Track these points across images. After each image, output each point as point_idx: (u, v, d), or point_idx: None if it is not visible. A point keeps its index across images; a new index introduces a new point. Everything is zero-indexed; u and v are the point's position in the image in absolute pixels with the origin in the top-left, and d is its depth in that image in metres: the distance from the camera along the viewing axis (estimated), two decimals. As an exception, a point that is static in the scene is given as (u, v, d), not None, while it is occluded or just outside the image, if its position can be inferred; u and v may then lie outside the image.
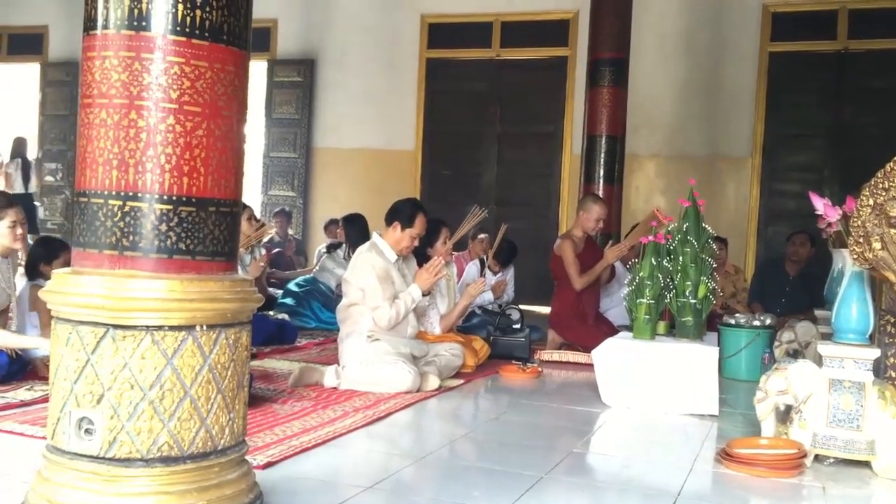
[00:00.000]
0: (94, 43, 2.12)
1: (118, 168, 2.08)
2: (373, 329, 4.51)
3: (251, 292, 2.25)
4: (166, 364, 2.06)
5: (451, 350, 4.83)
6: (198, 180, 2.12)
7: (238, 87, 2.21)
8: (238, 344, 2.22)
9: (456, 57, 9.82)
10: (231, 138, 2.20)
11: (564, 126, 9.40)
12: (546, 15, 9.36)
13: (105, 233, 2.09)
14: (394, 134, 9.98)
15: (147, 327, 2.05)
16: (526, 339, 5.62)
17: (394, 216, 4.64)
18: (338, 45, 10.10)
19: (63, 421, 2.08)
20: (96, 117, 2.10)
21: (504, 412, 4.09)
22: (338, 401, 4.07)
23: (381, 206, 9.05)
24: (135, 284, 2.05)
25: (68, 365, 2.08)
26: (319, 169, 10.30)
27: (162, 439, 2.06)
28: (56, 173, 10.71)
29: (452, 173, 9.94)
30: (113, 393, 2.04)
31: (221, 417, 2.17)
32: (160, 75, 2.07)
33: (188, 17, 2.08)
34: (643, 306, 4.34)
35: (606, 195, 6.93)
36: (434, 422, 4.00)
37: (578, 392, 4.67)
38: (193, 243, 2.12)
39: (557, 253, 5.94)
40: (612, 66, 7.10)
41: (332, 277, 7.01)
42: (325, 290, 6.94)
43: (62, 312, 2.10)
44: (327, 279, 7.03)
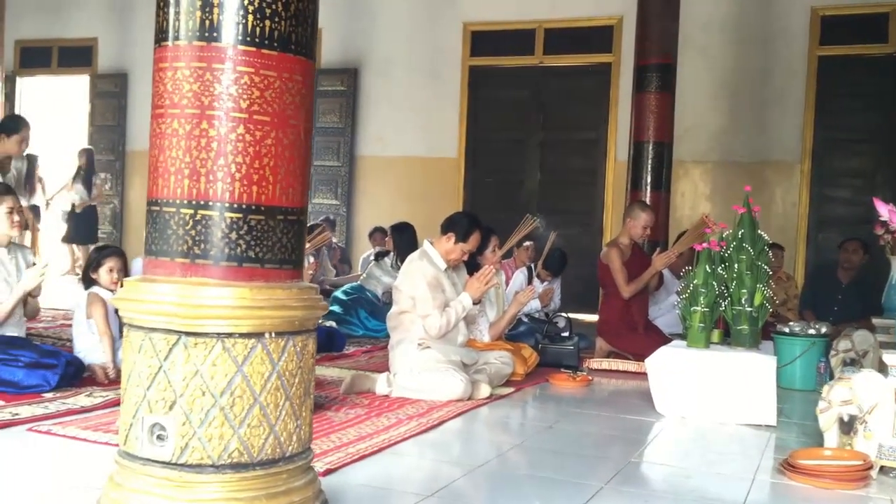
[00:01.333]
0: (165, 54, 2.15)
1: (189, 177, 2.10)
2: (423, 337, 4.51)
3: (317, 300, 2.27)
4: (236, 371, 2.08)
5: (501, 358, 4.82)
6: (267, 189, 2.14)
7: (305, 95, 2.23)
8: (305, 351, 2.23)
9: (499, 64, 9.82)
10: (298, 147, 2.21)
11: (608, 132, 9.34)
12: (589, 21, 9.33)
13: (177, 241, 2.11)
14: (437, 142, 10.00)
15: (218, 334, 2.07)
16: (575, 348, 5.58)
17: (450, 227, 4.63)
18: (381, 53, 10.16)
19: (136, 427, 2.11)
20: (168, 127, 2.13)
21: (557, 421, 4.06)
22: (390, 408, 4.07)
23: (425, 214, 9.21)
24: (206, 292, 2.08)
25: (141, 371, 2.11)
26: (363, 177, 10.35)
27: (232, 446, 2.08)
28: (105, 183, 10.88)
29: (495, 181, 9.93)
30: (185, 399, 2.06)
31: (289, 424, 2.18)
32: (230, 85, 2.10)
33: (258, 27, 2.11)
34: (697, 314, 4.28)
35: (654, 202, 6.87)
36: (487, 430, 3.98)
37: (630, 401, 4.63)
38: (262, 251, 2.14)
39: (605, 261, 5.90)
40: (658, 71, 7.04)
41: (378, 285, 7.04)
42: (372, 298, 6.97)
43: (135, 320, 2.13)
44: (374, 287, 7.06)
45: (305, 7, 2.19)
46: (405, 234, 6.96)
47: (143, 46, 10.97)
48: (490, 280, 4.66)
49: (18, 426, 3.33)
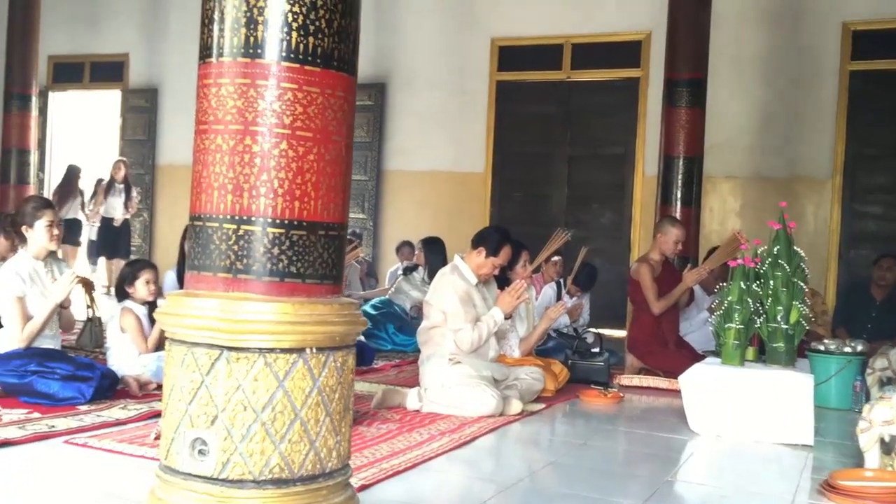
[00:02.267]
0: (209, 70, 2.17)
1: (233, 192, 2.11)
2: (454, 352, 4.50)
3: (357, 315, 2.26)
4: (278, 386, 2.08)
5: (531, 374, 4.79)
6: (308, 204, 2.15)
7: (347, 111, 2.24)
8: (345, 367, 2.22)
9: (526, 79, 9.82)
10: (339, 162, 2.22)
11: (637, 147, 9.29)
12: (617, 36, 9.31)
13: (220, 256, 2.12)
14: (464, 156, 10.01)
15: (260, 349, 2.07)
16: (605, 364, 5.54)
17: (481, 242, 4.63)
18: (408, 68, 10.20)
19: (177, 441, 2.11)
20: (212, 143, 2.14)
21: (590, 438, 4.02)
22: (422, 423, 4.06)
23: (451, 228, 9.20)
24: (248, 307, 2.08)
25: (183, 386, 2.11)
26: (390, 191, 10.38)
27: (273, 461, 2.07)
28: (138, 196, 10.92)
29: (522, 195, 9.91)
30: (227, 414, 2.06)
31: (329, 440, 2.17)
32: (274, 101, 2.11)
33: (301, 44, 2.12)
34: (732, 331, 4.24)
35: (684, 217, 6.81)
36: (520, 447, 3.96)
37: (663, 418, 4.58)
38: (304, 266, 2.14)
39: (635, 277, 5.85)
40: (689, 86, 7.00)
41: (407, 300, 7.03)
42: (400, 313, 6.96)
43: (177, 334, 2.14)
44: (402, 301, 7.06)
45: (348, 24, 2.20)
46: (435, 249, 6.96)
47: (173, 62, 11.10)
48: (521, 294, 4.65)
49: (55, 438, 3.35)
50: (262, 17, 2.10)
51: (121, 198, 10.10)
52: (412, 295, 7.04)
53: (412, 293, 7.05)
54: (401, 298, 7.09)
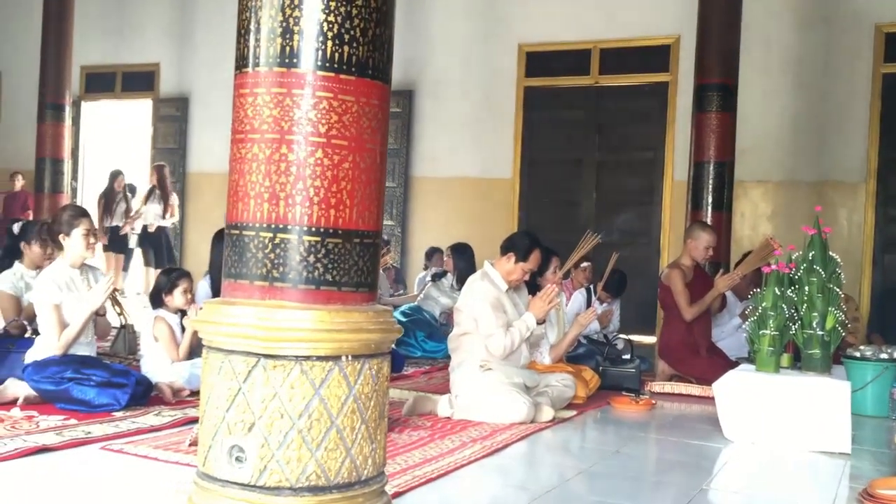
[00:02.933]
0: (246, 80, 2.19)
1: (269, 201, 2.13)
2: (485, 358, 4.49)
3: (392, 323, 2.27)
4: (314, 394, 2.09)
5: (562, 381, 4.76)
6: (344, 212, 2.16)
7: (381, 119, 2.25)
8: (380, 374, 2.23)
9: (554, 85, 9.79)
10: (374, 170, 2.23)
11: (666, 152, 9.24)
12: (646, 41, 9.26)
13: (256, 264, 2.14)
14: (491, 162, 10.00)
15: (296, 357, 2.08)
16: (636, 370, 5.49)
17: (510, 247, 4.61)
18: (436, 75, 10.22)
19: (215, 448, 2.12)
20: (248, 152, 2.16)
21: (623, 446, 3.99)
22: (453, 431, 4.05)
23: (479, 235, 9.19)
24: (284, 315, 2.09)
25: (220, 393, 2.12)
26: (417, 198, 10.39)
27: (310, 468, 2.08)
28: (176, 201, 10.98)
29: (550, 201, 9.88)
30: (264, 421, 2.07)
31: (365, 448, 2.18)
32: (309, 110, 2.12)
33: (336, 53, 2.13)
34: (766, 338, 4.19)
35: (715, 222, 6.75)
36: (553, 454, 3.94)
37: (696, 426, 4.53)
38: (339, 274, 2.15)
39: (666, 282, 5.81)
40: (719, 90, 6.94)
41: (436, 306, 7.04)
42: (430, 319, 6.96)
43: (214, 342, 2.15)
44: (432, 308, 7.06)
45: (382, 33, 2.21)
46: (464, 255, 6.96)
47: (203, 71, 11.21)
48: (553, 299, 4.62)
49: (91, 444, 3.39)
50: (298, 27, 2.11)
51: (159, 205, 9.97)
52: (441, 301, 7.04)
53: (441, 300, 7.05)
54: (430, 305, 7.09)
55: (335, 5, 2.11)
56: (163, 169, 10.16)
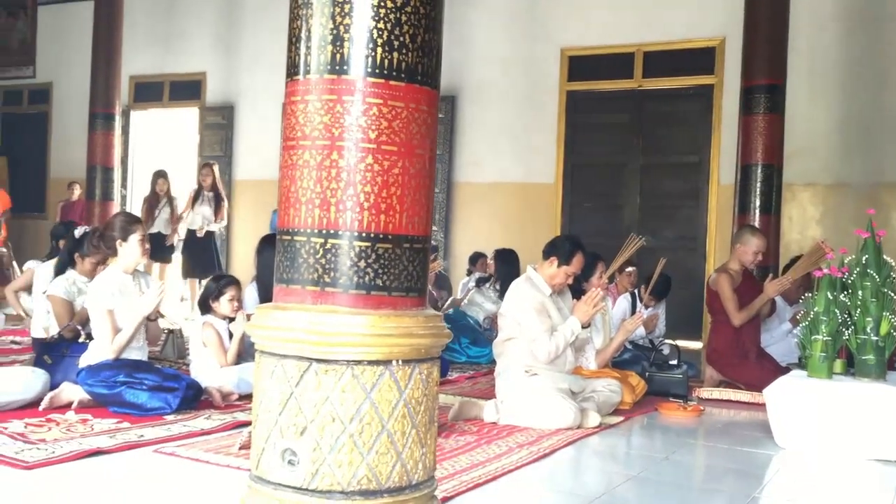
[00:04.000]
0: (297, 88, 2.21)
1: (320, 207, 2.15)
2: (530, 364, 4.47)
3: (442, 328, 2.27)
4: (365, 398, 2.10)
5: (609, 386, 4.73)
6: (394, 218, 2.17)
7: (430, 125, 2.26)
8: (430, 379, 2.24)
9: (597, 88, 9.74)
10: (423, 176, 2.24)
11: (711, 155, 9.12)
12: (690, 43, 9.16)
13: (307, 269, 2.16)
14: (534, 167, 9.98)
15: (347, 362, 2.10)
16: (683, 376, 5.43)
17: (552, 251, 4.60)
18: (478, 80, 10.23)
19: (268, 451, 2.15)
20: (300, 158, 2.18)
21: (672, 452, 3.94)
22: (500, 436, 4.05)
23: (522, 239, 9.17)
24: (336, 320, 2.11)
25: (273, 397, 2.15)
26: (460, 203, 10.40)
27: (361, 472, 2.09)
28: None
29: (594, 205, 9.82)
30: (316, 425, 2.09)
31: (415, 452, 2.18)
32: (360, 116, 2.14)
33: (386, 59, 2.15)
34: (819, 343, 4.11)
35: (763, 226, 6.65)
36: (600, 460, 3.90)
37: (747, 432, 4.47)
38: (390, 279, 2.17)
39: (714, 287, 5.73)
40: (767, 92, 6.84)
41: (480, 312, 7.03)
42: (473, 325, 6.96)
43: (267, 346, 2.18)
44: (475, 313, 7.06)
45: (431, 39, 2.23)
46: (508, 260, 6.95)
47: (248, 79, 11.36)
48: (598, 303, 4.59)
49: (145, 447, 3.45)
50: (348, 34, 2.13)
51: (209, 207, 9.26)
52: (485, 307, 7.03)
53: (485, 305, 7.04)
54: (474, 310, 7.09)
55: (385, 12, 2.13)
56: (213, 167, 9.52)
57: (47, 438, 3.46)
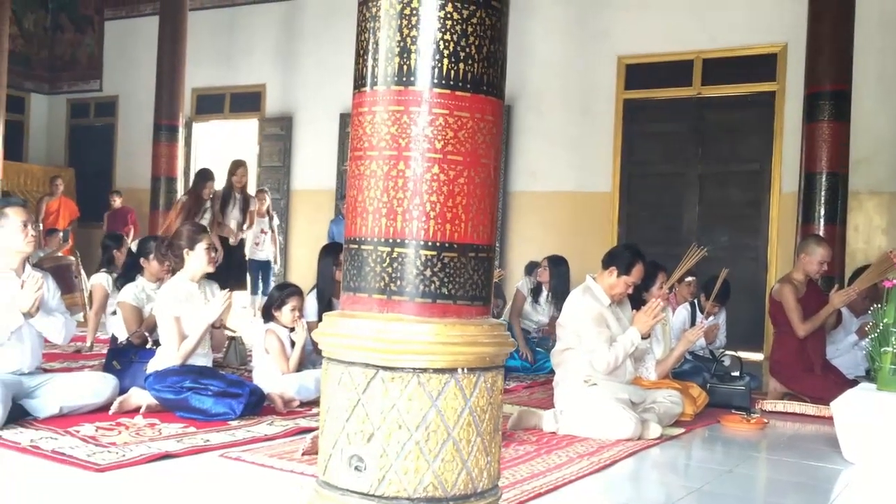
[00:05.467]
0: (364, 99, 2.25)
1: (387, 216, 2.18)
2: (589, 374, 4.45)
3: (506, 336, 2.28)
4: (431, 406, 2.12)
5: (669, 397, 4.67)
6: (459, 227, 2.18)
7: (495, 134, 2.28)
8: (494, 388, 2.24)
9: (654, 97, 9.66)
10: (488, 185, 2.25)
11: (773, 163, 8.96)
12: (751, 50, 9.03)
13: (374, 278, 2.19)
14: (590, 176, 9.93)
15: (413, 369, 2.12)
16: (746, 388, 5.33)
17: (611, 261, 4.57)
18: (534, 89, 10.22)
19: (335, 457, 2.18)
20: (367, 168, 2.21)
21: (736, 465, 3.88)
22: (559, 446, 4.03)
23: (577, 249, 9.13)
24: (402, 328, 2.13)
25: (340, 404, 2.18)
26: (516, 212, 10.40)
27: (427, 479, 2.11)
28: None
29: (651, 214, 9.73)
30: (382, 432, 2.11)
31: (480, 460, 2.19)
32: (426, 127, 2.16)
33: (452, 70, 2.17)
34: (888, 356, 4.01)
35: (827, 236, 6.51)
36: (662, 472, 3.86)
37: (812, 446, 4.37)
38: (455, 288, 2.18)
39: (777, 298, 5.62)
40: (832, 99, 6.71)
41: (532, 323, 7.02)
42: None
43: (334, 353, 2.21)
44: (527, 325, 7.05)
45: (496, 49, 2.24)
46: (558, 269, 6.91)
47: (306, 91, 11.54)
48: (658, 314, 4.54)
49: (211, 452, 3.52)
50: (415, 46, 2.16)
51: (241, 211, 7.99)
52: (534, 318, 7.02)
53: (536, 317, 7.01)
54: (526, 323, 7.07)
55: (451, 24, 2.15)
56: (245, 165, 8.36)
57: (117, 442, 3.55)
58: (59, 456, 3.29)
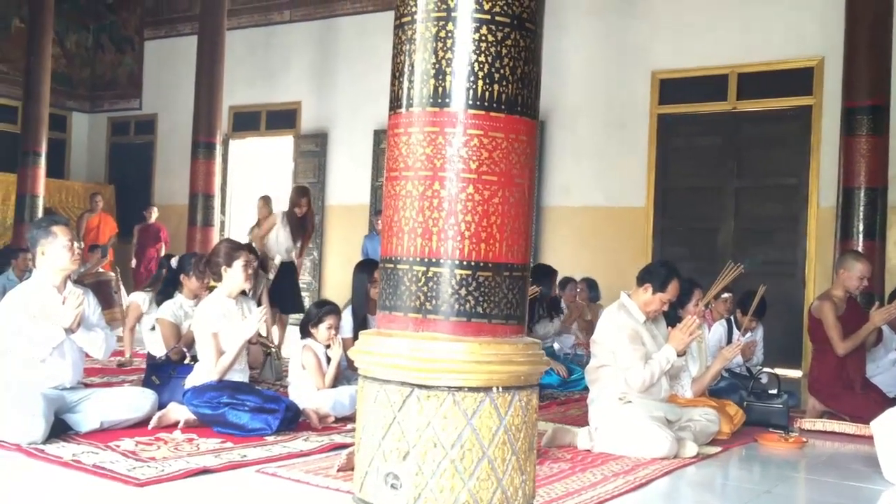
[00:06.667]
0: (399, 121, 2.28)
1: (422, 236, 2.20)
2: (624, 391, 4.42)
3: (540, 355, 2.29)
4: (466, 424, 2.13)
5: (706, 415, 4.63)
6: (494, 246, 2.21)
7: (529, 154, 2.30)
8: (529, 406, 2.25)
9: (689, 112, 9.60)
10: (522, 204, 2.27)
11: (810, 178, 8.85)
12: (787, 64, 8.94)
13: (410, 297, 2.21)
14: (623, 191, 9.88)
15: (449, 388, 2.14)
16: (784, 406, 5.25)
17: (646, 278, 4.54)
18: (567, 105, 10.21)
19: (371, 475, 2.20)
20: (402, 189, 2.25)
21: (774, 485, 3.83)
22: (594, 464, 4.01)
23: (610, 264, 9.09)
24: (437, 346, 2.15)
25: (376, 421, 2.20)
26: (549, 228, 10.38)
27: (462, 498, 2.12)
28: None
29: (686, 230, 9.65)
30: (418, 450, 2.13)
31: (515, 479, 2.20)
32: (461, 147, 2.19)
33: (487, 91, 2.20)
34: (930, 374, 3.93)
35: (867, 251, 6.42)
36: (699, 492, 3.83)
37: (852, 466, 4.30)
38: (490, 307, 2.20)
39: (816, 315, 5.55)
40: (870, 113, 6.63)
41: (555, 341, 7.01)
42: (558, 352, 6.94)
43: (370, 371, 2.24)
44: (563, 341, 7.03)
45: (530, 70, 2.27)
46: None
47: (341, 108, 11.66)
48: (694, 331, 4.51)
49: (248, 467, 3.56)
50: (450, 68, 2.19)
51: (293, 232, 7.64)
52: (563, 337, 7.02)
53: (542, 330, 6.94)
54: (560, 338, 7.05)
55: (486, 46, 2.18)
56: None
57: (157, 457, 3.61)
58: (100, 470, 3.35)
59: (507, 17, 2.19)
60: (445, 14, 2.19)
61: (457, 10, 2.18)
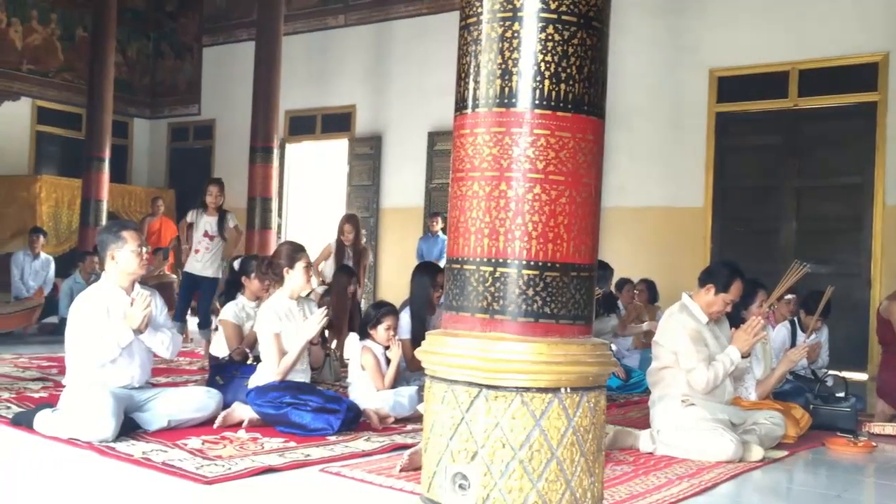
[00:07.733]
0: (465, 121, 2.29)
1: (489, 236, 2.21)
2: (687, 393, 4.36)
3: (608, 356, 2.27)
4: (534, 425, 2.13)
5: (771, 418, 4.53)
6: (561, 246, 2.20)
7: (596, 153, 2.28)
8: (597, 407, 2.24)
9: (748, 109, 9.44)
10: (589, 204, 2.26)
11: (875, 176, 8.63)
12: (850, 59, 8.73)
13: (477, 297, 2.22)
14: (681, 191, 9.76)
15: (517, 388, 2.13)
16: (852, 409, 5.12)
17: (709, 278, 4.47)
18: (624, 104, 10.11)
19: (439, 475, 2.21)
20: (469, 189, 2.25)
21: (844, 490, 3.74)
22: (657, 467, 3.96)
23: (668, 265, 8.98)
24: (504, 347, 2.15)
25: (444, 422, 2.21)
26: (605, 228, 10.27)
27: (531, 499, 2.12)
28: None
29: (745, 230, 9.48)
30: (486, 451, 2.13)
31: (584, 480, 2.19)
32: (527, 147, 2.19)
33: (553, 91, 2.19)
34: None
35: (937, 251, 6.22)
36: (765, 496, 3.75)
37: (926, 472, 4.17)
38: (557, 307, 2.19)
39: (885, 316, 5.41)
40: (939, 108, 6.43)
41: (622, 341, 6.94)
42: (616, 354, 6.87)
43: (438, 372, 2.25)
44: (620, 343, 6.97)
45: (597, 69, 2.25)
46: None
47: (395, 111, 11.74)
48: (758, 332, 4.42)
49: (311, 466, 3.60)
50: (516, 69, 2.19)
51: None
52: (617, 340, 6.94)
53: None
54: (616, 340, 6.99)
55: (552, 45, 2.18)
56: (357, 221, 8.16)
57: (223, 455, 3.67)
58: (169, 468, 3.42)
59: (574, 17, 2.18)
60: (511, 14, 2.19)
61: (523, 10, 2.18)
